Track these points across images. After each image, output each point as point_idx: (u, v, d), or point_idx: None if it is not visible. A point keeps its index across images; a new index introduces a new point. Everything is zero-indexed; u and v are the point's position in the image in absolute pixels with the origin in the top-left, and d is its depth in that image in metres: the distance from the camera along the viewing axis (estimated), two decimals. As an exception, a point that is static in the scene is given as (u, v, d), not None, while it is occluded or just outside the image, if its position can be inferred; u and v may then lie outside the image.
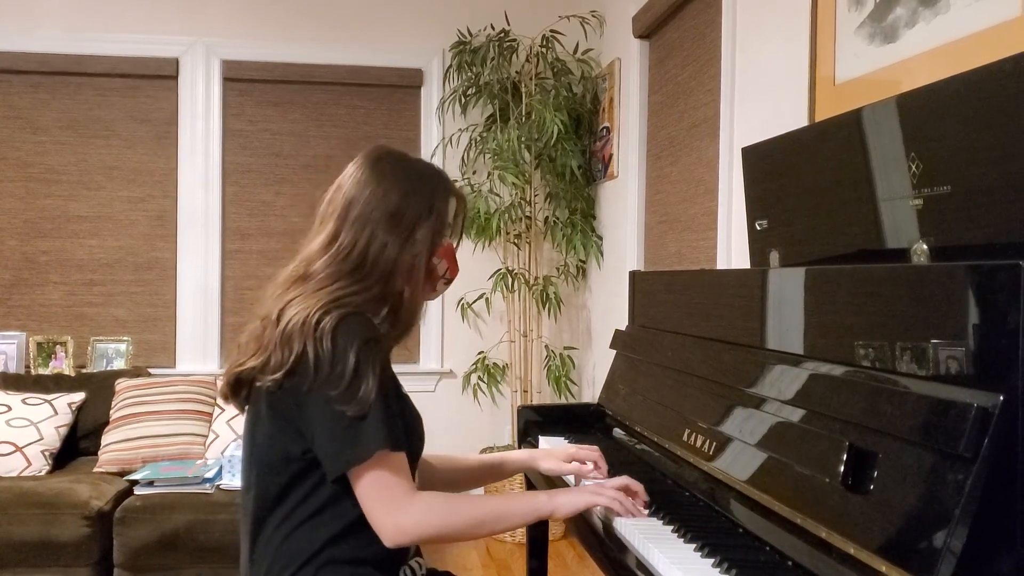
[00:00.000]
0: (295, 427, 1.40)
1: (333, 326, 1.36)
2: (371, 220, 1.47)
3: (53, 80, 4.28)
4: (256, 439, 1.47)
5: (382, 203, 1.48)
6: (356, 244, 1.46)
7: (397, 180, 1.50)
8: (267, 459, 1.44)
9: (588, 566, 3.70)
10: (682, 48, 3.38)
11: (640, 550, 1.41)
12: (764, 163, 1.95)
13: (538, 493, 1.52)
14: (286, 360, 1.37)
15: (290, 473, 1.42)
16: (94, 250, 4.33)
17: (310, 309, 1.38)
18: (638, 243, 3.82)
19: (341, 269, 1.45)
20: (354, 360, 1.34)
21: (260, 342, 1.43)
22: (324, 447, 1.37)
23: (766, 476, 1.36)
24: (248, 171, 4.44)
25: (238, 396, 1.50)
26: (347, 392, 1.34)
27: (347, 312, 1.39)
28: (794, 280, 1.49)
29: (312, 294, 1.41)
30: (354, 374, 1.34)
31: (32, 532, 3.06)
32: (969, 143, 1.31)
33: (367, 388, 1.34)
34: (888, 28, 1.96)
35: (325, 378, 1.35)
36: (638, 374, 2.14)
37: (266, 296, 1.49)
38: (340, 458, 1.36)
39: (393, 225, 1.47)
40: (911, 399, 1.09)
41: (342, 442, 1.36)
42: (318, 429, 1.37)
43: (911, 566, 0.99)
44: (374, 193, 1.48)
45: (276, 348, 1.38)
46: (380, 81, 4.48)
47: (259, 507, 1.46)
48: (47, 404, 3.61)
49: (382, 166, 1.52)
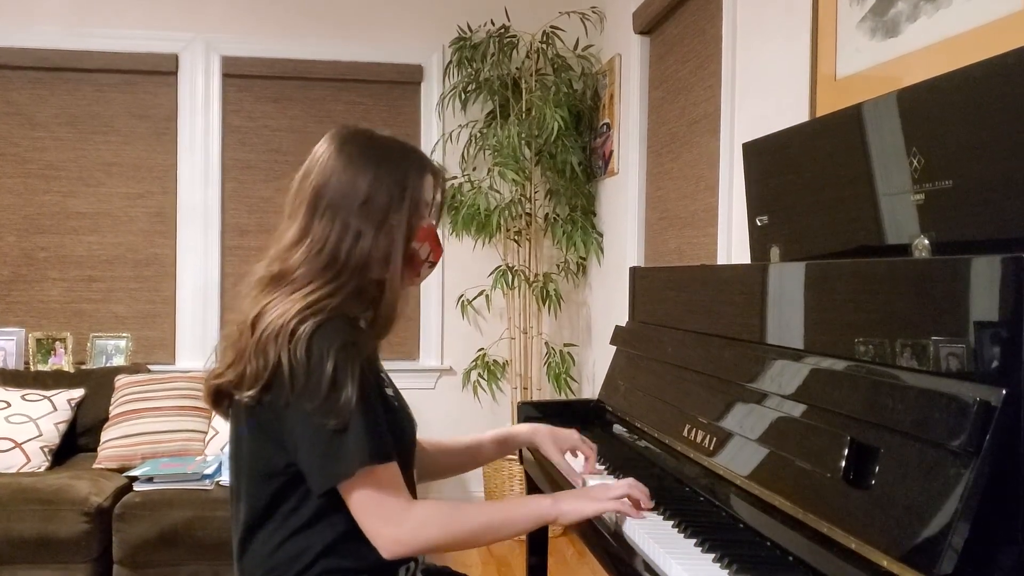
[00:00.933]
0: (278, 440, 1.36)
1: (309, 334, 1.31)
2: (341, 209, 1.40)
3: (52, 76, 4.27)
4: (241, 451, 1.43)
5: (351, 190, 1.41)
6: (328, 238, 1.39)
7: (365, 163, 1.43)
8: (253, 471, 1.41)
9: (588, 562, 3.70)
10: (682, 44, 3.38)
11: (641, 545, 1.40)
12: (765, 159, 1.95)
13: (542, 498, 1.47)
14: (262, 372, 1.32)
15: (277, 484, 1.38)
16: (93, 246, 4.33)
17: (286, 316, 1.33)
18: (638, 239, 3.82)
19: (315, 266, 1.39)
20: (331, 369, 1.29)
21: (236, 349, 1.38)
22: (307, 462, 1.33)
23: (767, 471, 1.36)
24: (247, 167, 4.44)
25: (220, 406, 1.45)
26: (325, 403, 1.29)
27: (323, 319, 1.34)
28: (795, 275, 1.48)
29: (287, 298, 1.36)
30: (331, 384, 1.29)
31: (31, 528, 3.06)
32: (971, 138, 1.30)
33: (346, 398, 1.29)
34: (890, 22, 1.96)
35: (302, 390, 1.30)
36: (638, 370, 2.14)
37: (241, 296, 1.45)
38: (324, 473, 1.31)
39: (365, 213, 1.41)
40: (913, 394, 1.09)
41: (324, 457, 1.31)
42: (300, 443, 1.33)
43: (913, 561, 0.99)
44: (340, 179, 1.41)
45: (251, 358, 1.34)
46: (380, 77, 4.48)
47: (249, 518, 1.42)
48: (46, 400, 3.61)
49: (349, 148, 1.44)
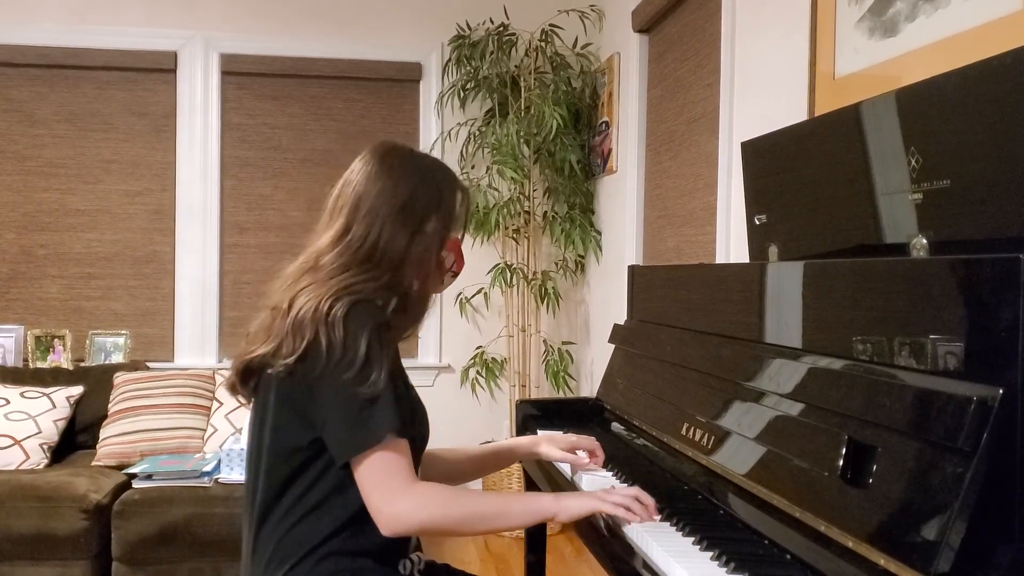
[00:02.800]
0: (304, 415, 1.42)
1: (344, 312, 1.38)
2: (381, 213, 1.49)
3: (51, 73, 4.27)
4: (264, 428, 1.47)
5: (392, 197, 1.50)
6: (367, 237, 1.48)
7: (406, 174, 1.53)
8: (275, 448, 1.45)
9: (586, 560, 3.71)
10: (681, 42, 3.38)
11: (638, 543, 1.41)
12: (763, 158, 1.95)
13: (543, 495, 1.50)
14: (298, 347, 1.38)
15: (296, 462, 1.44)
16: (92, 244, 4.33)
17: (321, 297, 1.40)
18: (637, 238, 3.82)
19: (351, 260, 1.47)
20: (366, 345, 1.36)
21: (270, 332, 1.44)
22: (334, 432, 1.39)
23: (765, 470, 1.37)
24: (246, 165, 4.44)
25: (247, 385, 1.52)
26: (359, 376, 1.36)
27: (358, 299, 1.41)
28: (793, 274, 1.49)
29: (323, 283, 1.43)
30: (366, 359, 1.36)
31: (30, 525, 3.05)
32: (969, 137, 1.30)
33: (379, 372, 1.36)
34: (888, 22, 1.96)
35: (337, 363, 1.36)
36: (637, 368, 2.14)
37: (273, 289, 1.51)
38: (350, 442, 1.38)
39: (404, 218, 1.50)
40: (910, 392, 1.09)
41: (353, 426, 1.37)
42: (330, 414, 1.39)
43: (910, 559, 0.99)
44: (384, 187, 1.50)
45: (288, 336, 1.40)
46: (379, 75, 4.48)
47: (265, 497, 1.46)
48: (45, 398, 3.61)
49: (390, 160, 1.54)
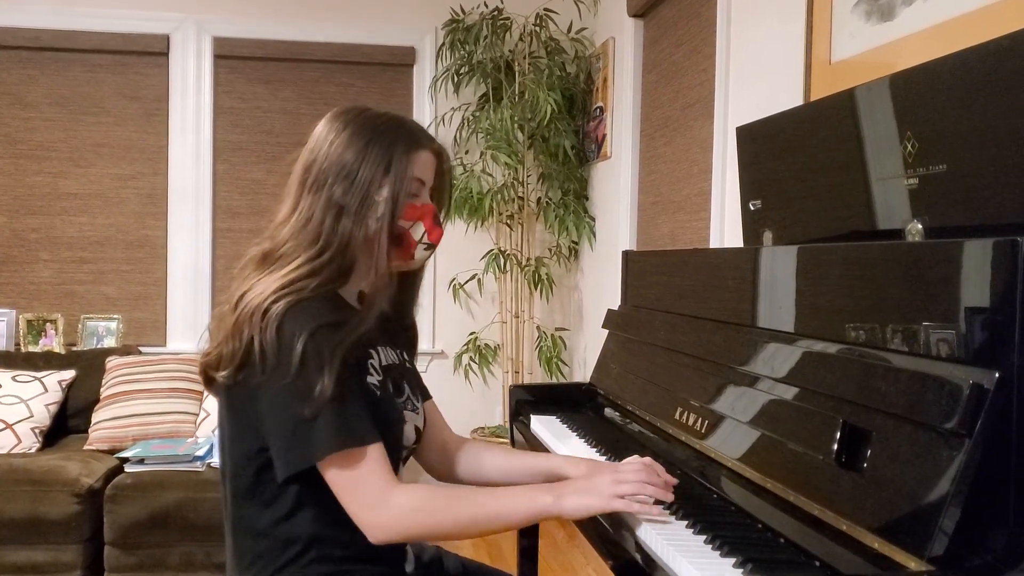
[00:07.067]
0: (251, 423, 1.32)
1: (280, 314, 1.26)
2: (326, 182, 1.36)
3: (42, 56, 4.24)
4: (224, 433, 1.40)
5: (337, 164, 1.36)
6: (313, 213, 1.35)
7: (353, 138, 1.38)
8: (234, 455, 1.37)
9: (578, 544, 3.72)
10: (677, 27, 3.36)
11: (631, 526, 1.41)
12: (758, 143, 1.94)
13: (541, 493, 1.35)
14: (236, 351, 1.29)
15: (254, 468, 1.34)
16: (84, 227, 4.31)
17: (263, 295, 1.29)
18: (631, 224, 3.82)
19: (300, 242, 1.35)
20: (301, 351, 1.24)
21: (222, 329, 1.34)
22: (274, 445, 1.29)
23: (759, 454, 1.36)
24: (239, 149, 4.41)
25: (211, 387, 1.40)
26: (294, 386, 1.24)
27: (298, 299, 1.29)
28: (787, 259, 1.48)
29: (270, 276, 1.32)
30: (301, 366, 1.24)
31: (22, 509, 3.05)
32: (965, 122, 1.30)
33: (322, 380, 1.23)
34: (885, 6, 1.95)
35: (271, 371, 1.26)
36: (630, 354, 2.14)
37: (234, 276, 1.41)
38: (289, 458, 1.27)
39: (348, 188, 1.35)
40: (906, 376, 1.09)
41: (291, 440, 1.26)
42: (270, 426, 1.28)
43: (904, 543, 0.99)
44: (328, 154, 1.37)
45: (228, 338, 1.30)
46: (372, 59, 4.46)
47: (234, 500, 1.38)
48: (37, 382, 3.60)
49: (339, 124, 1.40)
